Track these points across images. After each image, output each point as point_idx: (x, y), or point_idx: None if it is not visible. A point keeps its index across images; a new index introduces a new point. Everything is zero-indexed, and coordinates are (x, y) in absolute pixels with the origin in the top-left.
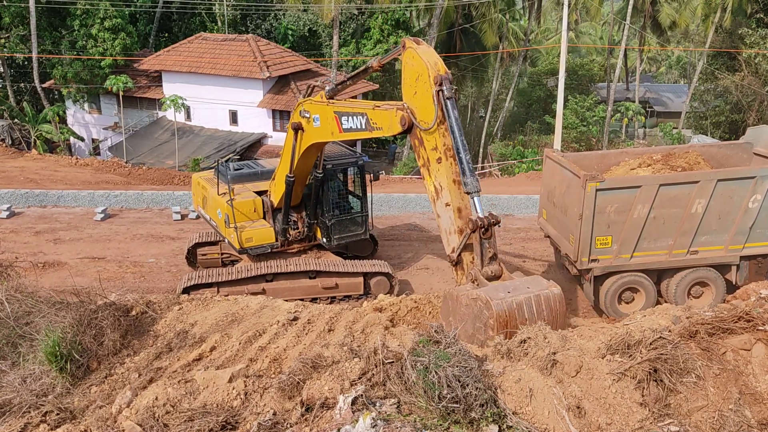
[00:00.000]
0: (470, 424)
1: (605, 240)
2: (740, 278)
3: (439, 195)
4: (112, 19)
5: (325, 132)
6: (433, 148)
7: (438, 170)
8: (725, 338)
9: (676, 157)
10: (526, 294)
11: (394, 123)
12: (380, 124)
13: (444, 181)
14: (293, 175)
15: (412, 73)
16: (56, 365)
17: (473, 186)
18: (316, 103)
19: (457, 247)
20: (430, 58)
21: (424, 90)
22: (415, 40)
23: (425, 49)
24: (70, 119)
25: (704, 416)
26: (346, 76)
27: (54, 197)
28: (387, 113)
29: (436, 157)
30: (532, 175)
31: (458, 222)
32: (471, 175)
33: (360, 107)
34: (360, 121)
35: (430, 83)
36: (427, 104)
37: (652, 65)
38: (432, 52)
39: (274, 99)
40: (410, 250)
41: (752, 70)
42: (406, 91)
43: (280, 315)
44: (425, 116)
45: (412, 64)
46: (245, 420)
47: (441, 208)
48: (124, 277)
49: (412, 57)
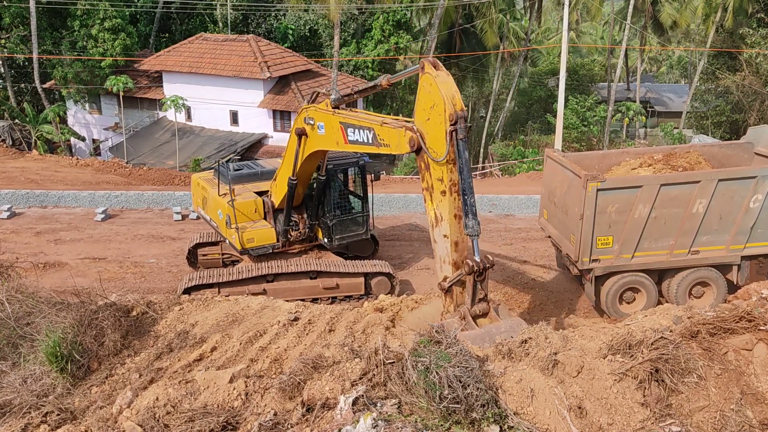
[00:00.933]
0: (471, 424)
1: (606, 240)
2: (741, 278)
3: (438, 224)
4: (113, 19)
5: (329, 141)
6: (439, 179)
7: (441, 201)
8: (727, 338)
9: (677, 157)
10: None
11: (402, 143)
12: (387, 141)
13: (445, 213)
14: (296, 178)
15: (428, 100)
16: (57, 366)
17: (474, 230)
18: (321, 111)
19: (450, 280)
20: (448, 91)
21: (438, 122)
22: (433, 63)
23: (444, 79)
24: (70, 120)
25: (706, 416)
26: (353, 89)
27: (55, 198)
28: (395, 132)
29: (441, 189)
30: (532, 175)
31: (454, 255)
32: (473, 218)
33: (367, 121)
34: (367, 136)
35: (444, 118)
36: (439, 136)
37: (653, 65)
38: (450, 83)
39: (274, 99)
40: (411, 251)
41: (753, 69)
42: (418, 114)
43: (280, 315)
44: (435, 145)
45: (429, 91)
46: (246, 420)
47: (439, 237)
48: (124, 278)
49: (429, 84)
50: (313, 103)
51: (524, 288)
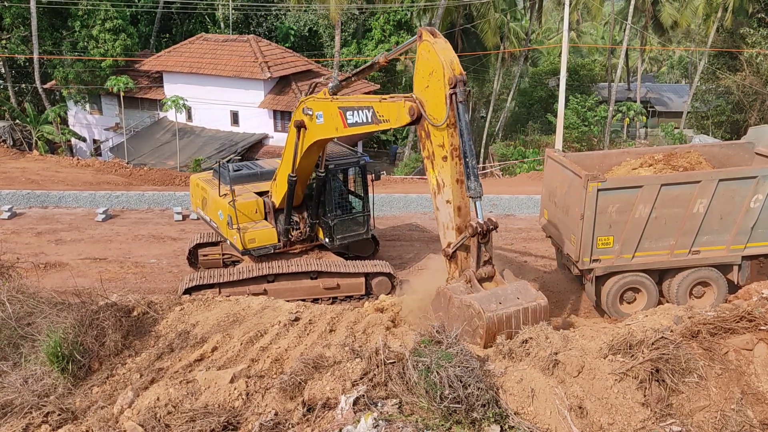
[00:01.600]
0: (472, 424)
1: (607, 240)
2: (742, 278)
3: (440, 190)
4: (113, 20)
5: (329, 128)
6: (440, 144)
7: (442, 167)
8: (727, 338)
9: (677, 156)
10: (515, 306)
11: (402, 114)
12: (387, 116)
13: (447, 178)
14: (295, 175)
15: (426, 67)
16: (58, 366)
17: (476, 191)
18: (319, 99)
19: (454, 244)
20: (447, 56)
21: (437, 87)
22: (431, 31)
23: (442, 45)
24: (71, 120)
25: (706, 416)
26: (350, 72)
27: (55, 198)
28: (394, 104)
29: (442, 154)
30: (533, 175)
31: (457, 220)
32: (475, 180)
33: (366, 101)
34: (366, 115)
35: (444, 83)
36: (439, 102)
37: (654, 65)
38: (448, 49)
39: (275, 99)
40: (411, 251)
41: (753, 69)
42: (417, 83)
43: (281, 315)
44: (435, 112)
45: (427, 58)
46: (247, 420)
47: (441, 204)
48: (125, 278)
49: (428, 51)
50: (312, 94)
51: None
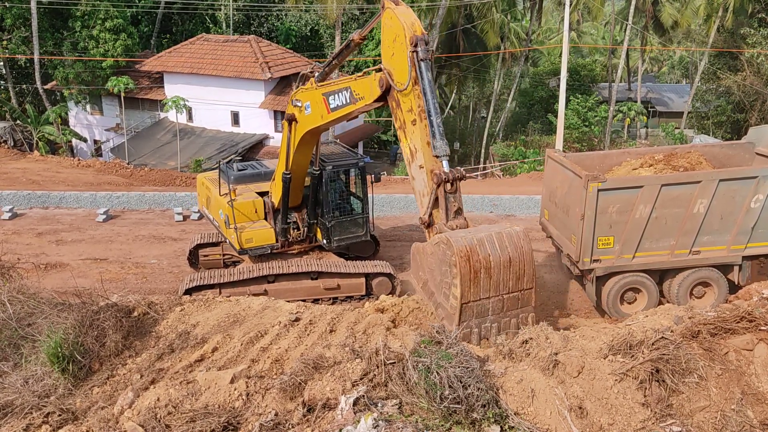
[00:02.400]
0: (472, 424)
1: (607, 240)
2: (742, 278)
3: (414, 157)
4: (113, 19)
5: (315, 117)
6: (409, 109)
7: (413, 132)
8: (727, 338)
9: (678, 157)
10: (487, 232)
11: (373, 87)
12: (362, 93)
13: (418, 143)
14: (289, 172)
15: (390, 34)
16: (58, 366)
17: (442, 150)
18: (306, 90)
19: (427, 205)
20: (407, 19)
21: (401, 51)
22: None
23: (403, 10)
24: (72, 120)
25: (706, 416)
26: (331, 56)
27: (56, 198)
28: (367, 80)
29: (411, 119)
30: (533, 175)
31: (431, 184)
32: (441, 138)
33: (344, 82)
34: (345, 96)
35: (406, 44)
36: (404, 65)
37: (654, 65)
38: (409, 13)
39: (275, 100)
40: None
41: (754, 69)
42: (384, 53)
43: (281, 316)
44: (402, 78)
45: (390, 25)
46: (247, 421)
47: (416, 171)
48: (126, 279)
49: (390, 18)
50: (302, 86)
51: None
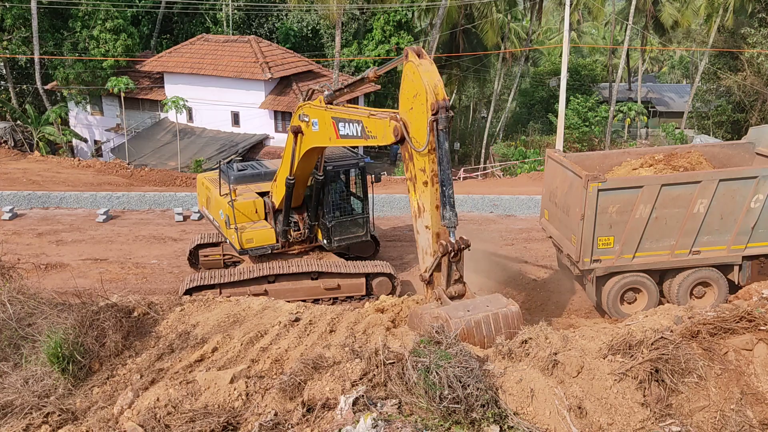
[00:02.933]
0: (471, 424)
1: (607, 240)
2: (743, 278)
3: (420, 214)
4: (114, 20)
5: (323, 137)
6: (422, 169)
7: (423, 192)
8: (727, 338)
9: (678, 157)
10: (484, 312)
11: (387, 133)
12: (375, 133)
13: (427, 204)
14: (293, 178)
15: (411, 89)
16: (58, 366)
17: (451, 221)
18: (315, 107)
19: (429, 267)
20: (431, 80)
21: (420, 111)
22: (417, 51)
23: (427, 68)
24: (72, 121)
25: (706, 416)
26: (344, 83)
27: (56, 199)
28: (381, 122)
29: (423, 179)
30: (534, 175)
31: (435, 246)
32: (451, 210)
33: (356, 114)
34: (356, 128)
35: (426, 108)
36: (421, 126)
37: (655, 65)
38: (433, 72)
39: (276, 100)
40: (412, 251)
41: (754, 69)
42: (402, 103)
43: (281, 316)
44: (418, 135)
45: (412, 80)
46: (246, 421)
47: (421, 228)
48: (126, 279)
49: (412, 72)
50: (309, 100)
51: (525, 288)
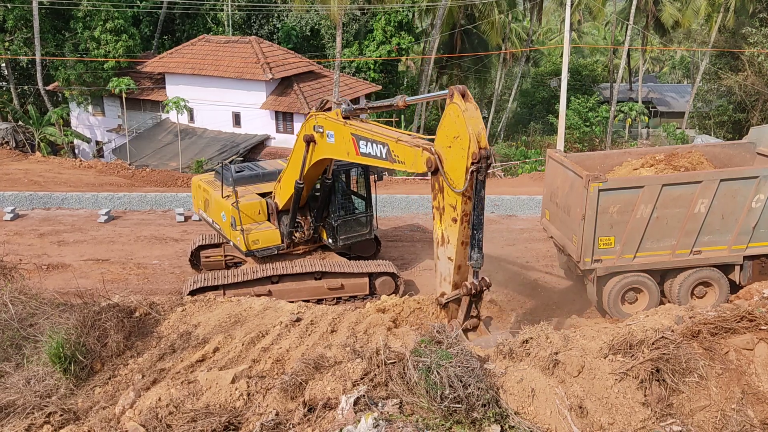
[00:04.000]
0: (472, 424)
1: (608, 240)
2: (744, 278)
3: (444, 245)
4: (114, 20)
5: (340, 150)
6: (452, 205)
7: (450, 226)
8: (728, 338)
9: (679, 157)
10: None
11: (418, 162)
12: (402, 159)
13: (453, 239)
14: (303, 182)
15: (452, 129)
16: (60, 366)
17: (477, 263)
18: (332, 120)
19: (448, 297)
20: (475, 128)
21: (460, 155)
22: (462, 91)
23: (472, 113)
24: (73, 121)
25: (707, 416)
26: (367, 104)
27: (58, 199)
28: (411, 150)
29: (453, 216)
30: (535, 175)
31: (455, 277)
32: (479, 252)
33: (381, 136)
34: (380, 150)
35: (467, 154)
36: (459, 167)
37: (655, 65)
38: (478, 119)
39: (277, 101)
40: (413, 251)
41: (755, 69)
42: (440, 139)
43: (283, 316)
44: (453, 174)
45: (455, 122)
46: (248, 420)
47: (443, 257)
48: (127, 279)
49: (456, 115)
50: (322, 110)
51: (526, 288)
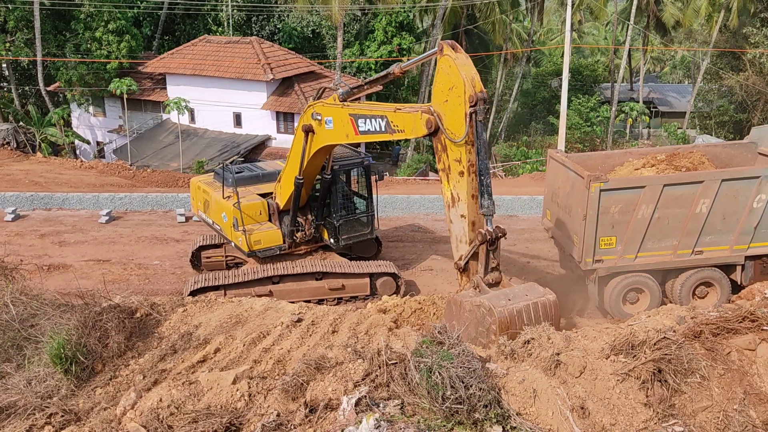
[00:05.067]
0: (474, 425)
1: (609, 240)
2: (745, 278)
3: (455, 204)
4: (116, 21)
5: (338, 134)
6: (457, 159)
7: (458, 182)
8: (730, 338)
9: (680, 157)
10: (525, 301)
11: (418, 125)
12: (402, 127)
13: (463, 194)
14: (302, 177)
15: (446, 82)
16: (61, 367)
17: (489, 209)
18: (329, 105)
19: (465, 255)
20: (468, 73)
21: (457, 103)
22: (452, 44)
23: (463, 61)
24: (75, 122)
25: (709, 416)
26: (363, 80)
27: (59, 200)
28: (410, 116)
29: (459, 169)
30: (536, 175)
31: (470, 234)
32: (489, 198)
33: (379, 110)
34: (379, 124)
35: (464, 99)
36: (457, 117)
37: (656, 65)
38: (470, 65)
39: (278, 101)
40: (414, 251)
41: (756, 69)
42: (436, 96)
43: (284, 317)
44: (453, 127)
45: (448, 73)
46: (249, 421)
47: (455, 217)
48: (128, 280)
49: (448, 66)
50: (320, 99)
51: None
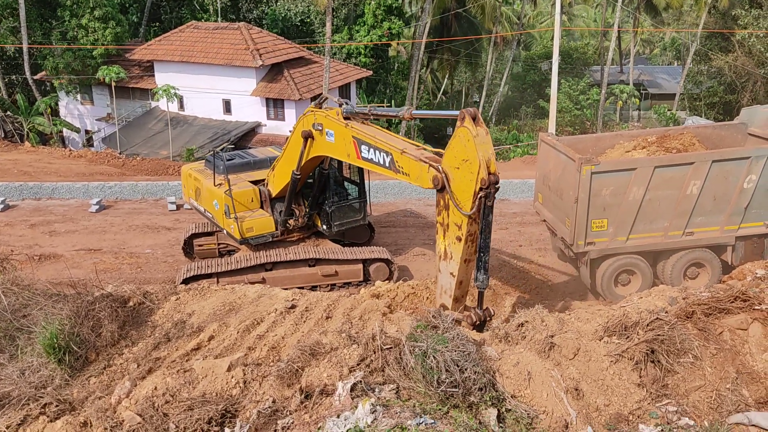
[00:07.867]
0: (469, 407)
1: (601, 223)
2: (736, 258)
3: (447, 261)
4: (102, 7)
5: (340, 151)
6: (457, 224)
7: (455, 244)
8: (722, 318)
9: (670, 138)
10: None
11: (423, 177)
12: (407, 171)
13: (456, 256)
14: (300, 173)
15: (462, 152)
16: (54, 357)
17: (483, 284)
18: (333, 120)
19: (450, 312)
20: (485, 154)
21: (468, 178)
22: (473, 115)
23: (482, 139)
24: (62, 111)
25: (702, 396)
26: (371, 111)
27: (48, 190)
28: (417, 165)
29: (457, 235)
30: (527, 159)
31: (456, 292)
32: (484, 274)
33: (385, 145)
34: (383, 158)
35: (476, 180)
36: (467, 189)
37: (646, 47)
38: (488, 145)
39: (267, 87)
40: (407, 237)
41: (746, 50)
42: (448, 159)
43: (277, 303)
44: (461, 196)
45: (465, 146)
46: (245, 408)
47: (445, 271)
48: (120, 269)
49: (467, 139)
50: (320, 107)
51: (520, 272)
